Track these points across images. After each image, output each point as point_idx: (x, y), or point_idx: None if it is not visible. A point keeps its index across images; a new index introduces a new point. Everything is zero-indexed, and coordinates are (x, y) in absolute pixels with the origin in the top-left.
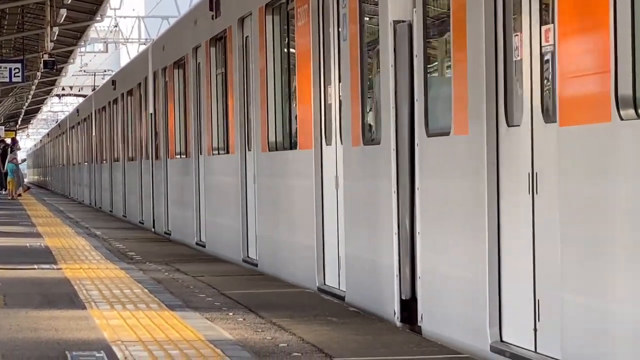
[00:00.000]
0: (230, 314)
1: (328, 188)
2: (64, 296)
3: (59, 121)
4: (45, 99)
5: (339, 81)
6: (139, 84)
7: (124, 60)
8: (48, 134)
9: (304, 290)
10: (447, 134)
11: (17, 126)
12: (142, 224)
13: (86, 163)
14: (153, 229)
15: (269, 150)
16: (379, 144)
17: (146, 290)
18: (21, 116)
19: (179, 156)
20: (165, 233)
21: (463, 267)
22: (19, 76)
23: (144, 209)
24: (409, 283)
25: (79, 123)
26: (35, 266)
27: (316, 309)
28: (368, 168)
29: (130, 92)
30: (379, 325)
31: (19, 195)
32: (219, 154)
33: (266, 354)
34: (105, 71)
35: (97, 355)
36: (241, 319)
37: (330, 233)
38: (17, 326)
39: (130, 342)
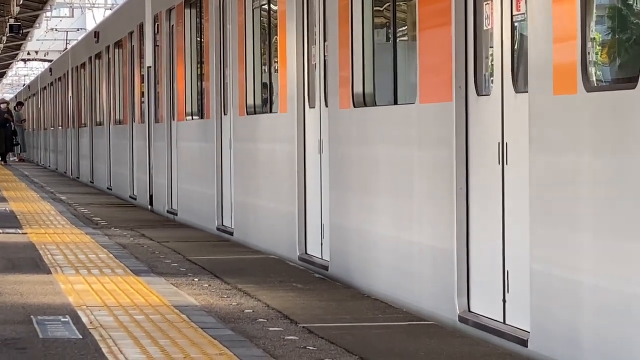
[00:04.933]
0: (196, 279)
1: (311, 153)
2: (29, 261)
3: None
4: (11, 63)
5: (324, 40)
6: (131, 33)
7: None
8: (15, 97)
9: (268, 256)
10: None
11: None
12: (134, 199)
13: (60, 127)
14: (150, 207)
15: (247, 114)
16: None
17: (111, 255)
18: None
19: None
20: (168, 212)
21: (432, 236)
22: None
23: (137, 181)
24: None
25: (51, 83)
26: (0, 230)
27: (281, 275)
28: (361, 132)
29: (118, 44)
30: (344, 292)
31: (22, 160)
32: (192, 118)
33: (231, 319)
34: (78, 29)
35: (63, 319)
36: (206, 285)
37: (313, 200)
38: None
39: (95, 307)
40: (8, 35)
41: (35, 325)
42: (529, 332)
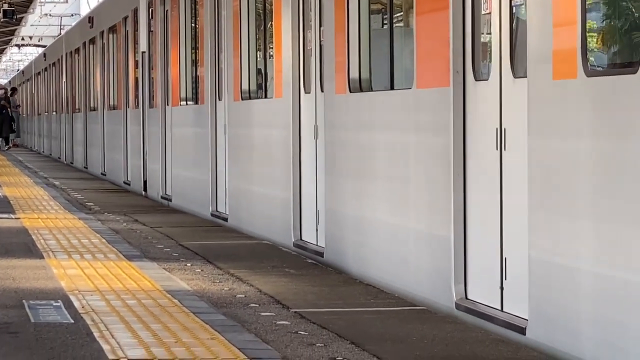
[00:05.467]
0: (188, 264)
1: (306, 138)
2: (22, 246)
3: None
4: (5, 49)
5: (320, 25)
6: (125, 18)
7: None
8: (9, 83)
9: (262, 242)
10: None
11: None
12: (128, 184)
13: (55, 113)
14: (144, 192)
15: (242, 100)
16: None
17: (104, 240)
18: None
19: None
20: (162, 197)
21: (428, 223)
22: None
23: (131, 167)
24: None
25: (45, 69)
26: None
27: (275, 260)
28: (358, 117)
29: (112, 29)
30: (337, 277)
31: (16, 145)
32: (187, 104)
33: (223, 304)
34: (72, 15)
35: (55, 304)
36: (199, 270)
37: (308, 186)
38: None
39: (87, 291)
40: (2, 20)
41: (27, 309)
42: (527, 320)
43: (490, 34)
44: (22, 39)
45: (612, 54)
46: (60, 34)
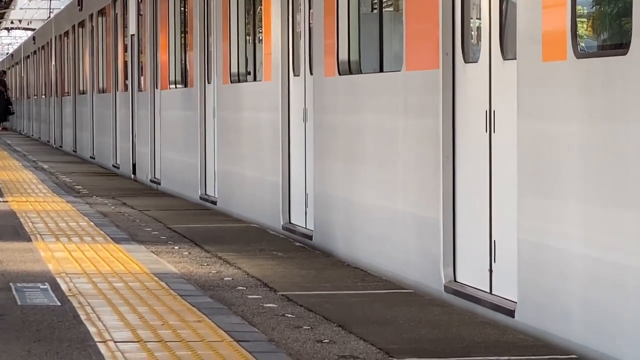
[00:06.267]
0: (176, 247)
1: (295, 121)
2: (9, 228)
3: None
4: None
5: (309, 8)
6: (114, 1)
7: None
8: None
9: (250, 225)
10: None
11: None
12: (117, 167)
13: (44, 96)
14: (133, 176)
15: (231, 83)
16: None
17: (92, 223)
18: None
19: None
20: (151, 181)
21: (418, 206)
22: None
23: (120, 150)
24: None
25: (35, 52)
26: None
27: (263, 244)
28: (347, 100)
29: (102, 12)
30: (324, 260)
31: (5, 129)
32: (175, 87)
33: (211, 287)
34: None
35: (42, 287)
36: (186, 253)
37: (297, 169)
38: None
39: (74, 274)
40: None
41: (14, 292)
42: (515, 303)
43: (479, 18)
44: (12, 22)
45: (602, 36)
46: (49, 17)
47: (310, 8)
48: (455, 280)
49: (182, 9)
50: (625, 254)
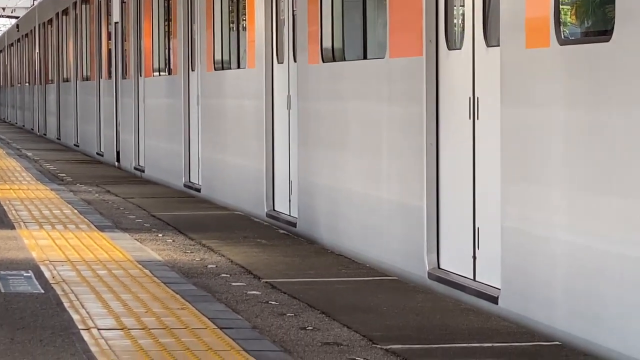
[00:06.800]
0: (160, 235)
1: (279, 108)
2: None
3: None
4: None
5: None
6: None
7: None
8: None
9: (234, 213)
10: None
11: None
12: (101, 155)
13: (28, 84)
14: (117, 164)
15: (215, 70)
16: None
17: (76, 211)
18: None
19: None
20: (135, 168)
21: (401, 193)
22: None
23: (104, 138)
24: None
25: (18, 40)
26: None
27: (247, 231)
28: (330, 87)
29: (85, 0)
30: (308, 248)
31: None
32: (159, 74)
33: (194, 274)
34: None
35: (25, 274)
36: (170, 241)
37: (281, 156)
38: None
39: (58, 261)
40: None
41: None
42: (499, 290)
43: (463, 5)
44: None
45: (585, 23)
46: (33, 5)
47: None
48: (439, 267)
49: None
50: (609, 241)
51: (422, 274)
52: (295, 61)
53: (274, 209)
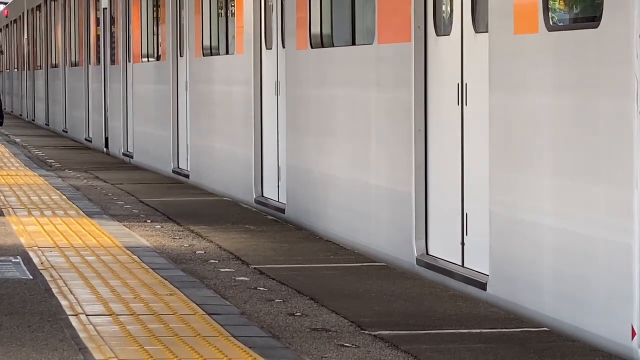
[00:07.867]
0: (148, 221)
1: (267, 94)
2: None
3: None
4: None
5: None
6: None
7: None
8: None
9: (222, 199)
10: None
11: None
12: (90, 141)
13: (16, 70)
14: (106, 149)
15: (203, 56)
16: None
17: (64, 197)
18: None
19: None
20: (124, 154)
21: (390, 179)
22: None
23: (92, 124)
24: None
25: (7, 26)
26: None
27: (235, 217)
28: (319, 73)
29: None
30: (297, 234)
31: None
32: (148, 60)
33: (183, 260)
34: None
35: (14, 260)
36: (159, 227)
37: (269, 142)
38: None
39: (46, 247)
40: None
41: None
42: (487, 275)
43: None
44: None
45: (573, 9)
46: None
47: None
48: (427, 254)
49: None
50: (596, 227)
51: (410, 260)
52: (283, 47)
53: (262, 195)
